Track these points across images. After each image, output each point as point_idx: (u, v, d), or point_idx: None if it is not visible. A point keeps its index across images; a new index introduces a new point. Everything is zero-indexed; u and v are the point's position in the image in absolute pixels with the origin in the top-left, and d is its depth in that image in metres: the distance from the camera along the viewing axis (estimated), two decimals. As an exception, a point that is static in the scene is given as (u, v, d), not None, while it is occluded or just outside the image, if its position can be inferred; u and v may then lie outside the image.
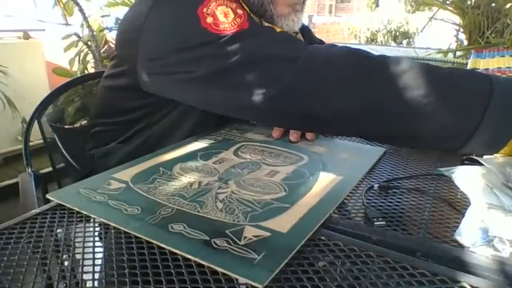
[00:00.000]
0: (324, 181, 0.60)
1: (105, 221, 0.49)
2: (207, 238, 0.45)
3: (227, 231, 0.46)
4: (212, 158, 0.68)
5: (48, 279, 0.42)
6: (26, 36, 2.57)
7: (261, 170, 0.64)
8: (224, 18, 0.65)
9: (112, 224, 0.49)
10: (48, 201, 0.56)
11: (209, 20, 0.65)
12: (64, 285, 0.41)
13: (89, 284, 0.41)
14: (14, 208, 0.76)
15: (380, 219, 0.50)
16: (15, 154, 2.37)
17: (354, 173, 0.64)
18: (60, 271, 0.43)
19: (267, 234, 0.46)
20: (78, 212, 0.54)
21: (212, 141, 0.76)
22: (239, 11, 0.66)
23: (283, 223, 0.48)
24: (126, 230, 0.47)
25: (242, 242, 0.44)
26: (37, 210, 0.54)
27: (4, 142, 2.36)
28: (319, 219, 0.49)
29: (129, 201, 0.54)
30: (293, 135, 0.77)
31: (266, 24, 0.75)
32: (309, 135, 0.78)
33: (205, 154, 0.70)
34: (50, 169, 1.03)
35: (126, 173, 0.62)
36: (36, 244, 0.47)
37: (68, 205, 0.53)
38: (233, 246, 0.44)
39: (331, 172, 0.63)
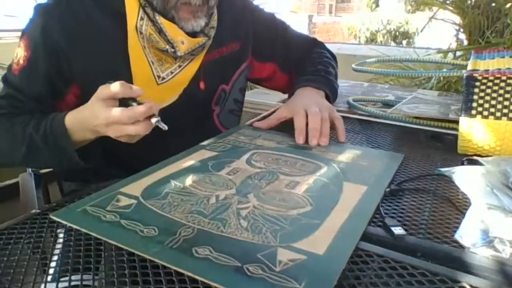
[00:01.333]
0: (349, 192, 0.57)
1: (119, 245, 0.44)
2: (238, 264, 0.41)
3: (258, 255, 0.42)
4: (225, 168, 0.64)
5: (48, 279, 0.42)
6: (26, 36, 2.57)
7: (280, 180, 0.60)
8: (15, 57, 0.80)
9: (127, 248, 0.44)
10: (49, 201, 0.55)
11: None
12: (64, 285, 0.41)
13: (89, 283, 0.41)
14: (14, 208, 0.76)
15: (399, 228, 0.48)
16: (15, 154, 2.36)
17: (378, 182, 0.60)
18: (60, 271, 0.43)
19: (303, 257, 0.42)
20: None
21: (220, 149, 0.73)
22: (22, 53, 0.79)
23: (317, 243, 0.44)
24: (145, 256, 0.43)
25: (278, 268, 0.40)
26: (37, 210, 0.54)
27: (4, 142, 2.35)
28: (354, 238, 0.46)
29: (144, 220, 0.49)
30: (312, 141, 0.77)
31: (162, 20, 0.79)
32: (322, 141, 0.77)
33: (216, 163, 0.66)
34: (50, 169, 1.03)
35: (135, 187, 0.57)
36: (36, 244, 0.47)
37: (75, 227, 0.48)
38: (269, 274, 0.40)
39: (354, 182, 0.60)
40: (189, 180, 0.60)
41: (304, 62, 1.02)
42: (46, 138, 0.72)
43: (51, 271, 0.43)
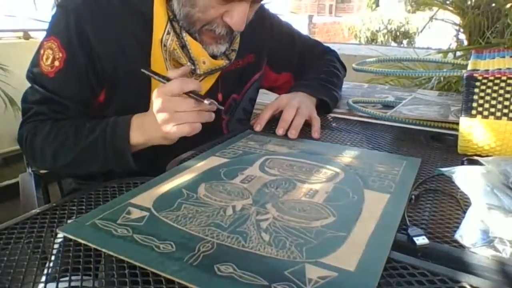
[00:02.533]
0: (371, 201, 0.55)
1: (134, 262, 0.42)
2: (266, 283, 0.39)
3: (285, 272, 0.40)
4: (238, 176, 0.62)
5: (48, 279, 0.42)
6: (26, 36, 2.58)
7: (297, 189, 0.58)
8: (46, 60, 0.77)
9: (144, 266, 0.41)
10: (49, 201, 0.55)
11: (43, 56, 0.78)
12: (64, 285, 0.41)
13: (89, 284, 0.41)
14: (14, 208, 0.76)
15: (423, 238, 0.46)
16: (15, 154, 2.37)
17: (400, 190, 0.58)
18: (60, 271, 0.43)
19: (334, 274, 0.40)
20: (78, 212, 0.54)
21: (231, 156, 0.71)
22: (57, 55, 0.77)
23: (346, 258, 0.42)
24: (163, 275, 0.40)
25: (309, 287, 0.38)
26: (37, 210, 0.54)
27: (5, 142, 2.35)
28: (383, 252, 0.44)
29: (159, 234, 0.46)
30: (279, 130, 0.82)
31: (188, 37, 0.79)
32: (291, 133, 0.81)
33: (228, 171, 0.64)
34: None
35: (146, 198, 0.55)
36: (36, 244, 0.47)
37: (85, 242, 0.46)
38: None
39: (375, 190, 0.58)
40: (202, 189, 0.58)
41: (310, 69, 1.03)
42: (105, 141, 0.73)
43: (51, 271, 0.43)
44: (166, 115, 0.67)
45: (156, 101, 0.68)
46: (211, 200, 0.55)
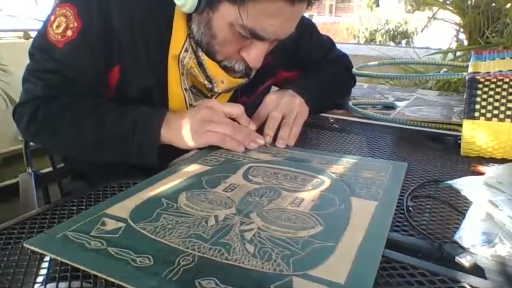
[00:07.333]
0: (359, 209, 0.53)
1: (108, 278, 0.39)
2: None
3: (272, 286, 0.38)
4: (221, 184, 0.60)
5: (48, 279, 0.42)
6: (27, 36, 2.58)
7: (283, 197, 0.56)
8: (56, 28, 0.72)
9: (119, 282, 0.39)
10: (49, 201, 0.55)
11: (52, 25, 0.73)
12: (65, 285, 0.41)
13: (89, 284, 0.41)
14: (14, 208, 0.76)
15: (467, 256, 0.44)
16: (15, 154, 2.36)
17: (388, 196, 0.57)
18: (60, 271, 0.43)
19: (323, 287, 0.38)
20: (78, 212, 0.54)
21: (213, 163, 0.68)
22: (71, 24, 0.71)
23: (335, 270, 0.40)
24: None
25: None
26: (37, 210, 0.54)
27: (4, 142, 2.35)
28: (374, 262, 0.42)
29: (135, 247, 0.44)
30: (266, 138, 0.77)
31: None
32: (278, 143, 0.77)
33: (210, 179, 0.62)
34: (50, 169, 1.03)
35: (122, 208, 0.52)
36: (36, 244, 0.47)
37: (54, 256, 0.43)
38: None
39: (362, 197, 0.56)
40: (182, 198, 0.55)
41: (315, 71, 1.00)
42: (134, 135, 0.70)
43: (51, 271, 0.43)
44: (206, 119, 0.70)
45: (204, 105, 0.72)
46: (192, 210, 0.52)
